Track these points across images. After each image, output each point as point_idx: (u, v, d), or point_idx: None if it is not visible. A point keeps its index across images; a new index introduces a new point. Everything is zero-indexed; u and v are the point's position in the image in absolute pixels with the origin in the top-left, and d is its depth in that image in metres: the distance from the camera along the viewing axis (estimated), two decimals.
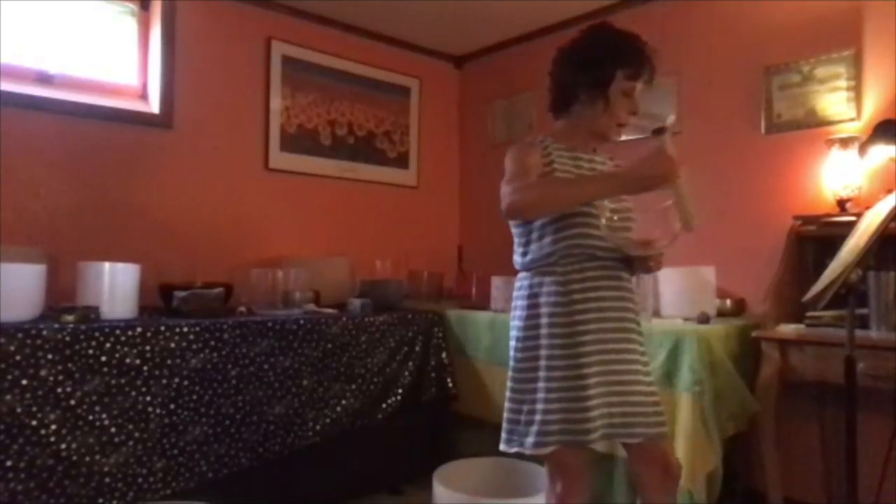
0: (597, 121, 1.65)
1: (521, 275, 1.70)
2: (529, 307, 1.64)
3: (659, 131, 1.66)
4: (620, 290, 1.62)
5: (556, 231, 1.59)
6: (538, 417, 1.56)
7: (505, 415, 1.65)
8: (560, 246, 1.59)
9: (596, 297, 1.58)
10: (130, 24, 2.99)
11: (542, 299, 1.61)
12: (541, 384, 1.57)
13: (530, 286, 1.65)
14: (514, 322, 1.68)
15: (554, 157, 1.64)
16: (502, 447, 1.64)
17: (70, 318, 2.04)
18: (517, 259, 1.70)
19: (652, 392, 1.61)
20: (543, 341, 1.59)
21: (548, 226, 1.60)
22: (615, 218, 1.56)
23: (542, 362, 1.58)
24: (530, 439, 1.56)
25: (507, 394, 1.65)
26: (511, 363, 1.67)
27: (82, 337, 1.96)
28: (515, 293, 1.70)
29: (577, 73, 1.64)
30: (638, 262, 1.63)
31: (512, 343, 1.67)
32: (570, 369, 1.54)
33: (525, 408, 1.60)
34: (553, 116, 1.76)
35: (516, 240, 1.70)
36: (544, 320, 1.59)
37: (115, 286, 2.24)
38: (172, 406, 2.13)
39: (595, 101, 1.62)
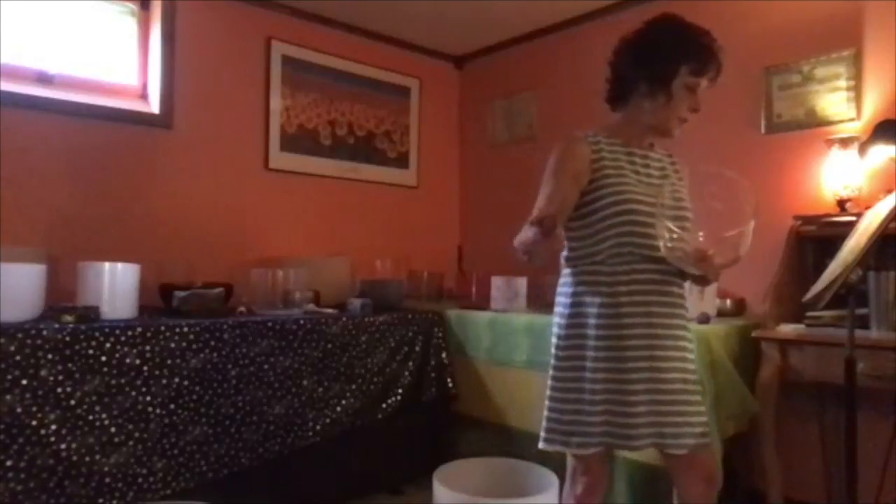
0: (656, 115, 1.59)
1: (566, 271, 1.65)
2: (573, 305, 1.60)
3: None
4: (671, 294, 1.57)
5: (604, 229, 1.54)
6: (583, 418, 1.53)
7: (545, 413, 1.62)
8: (607, 245, 1.54)
9: (644, 302, 1.53)
10: (130, 24, 2.99)
11: (587, 299, 1.57)
12: (586, 385, 1.54)
13: (574, 283, 1.61)
14: (556, 319, 1.64)
15: (605, 153, 1.59)
16: (542, 446, 1.62)
17: (70, 318, 2.04)
18: (564, 253, 1.65)
19: (698, 401, 1.57)
20: (589, 342, 1.55)
21: (598, 223, 1.55)
22: (674, 236, 1.46)
23: (588, 363, 1.55)
24: (575, 439, 1.54)
25: (548, 392, 1.62)
26: (552, 361, 1.63)
27: (82, 337, 1.96)
28: (559, 288, 1.66)
29: (640, 65, 1.58)
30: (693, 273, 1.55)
31: (553, 340, 1.64)
32: (617, 373, 1.52)
33: (568, 407, 1.57)
34: (610, 108, 1.70)
35: (565, 234, 1.64)
36: (591, 321, 1.55)
37: (115, 286, 2.24)
38: (172, 406, 2.13)
39: (656, 94, 1.57)
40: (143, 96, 3.01)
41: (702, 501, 1.58)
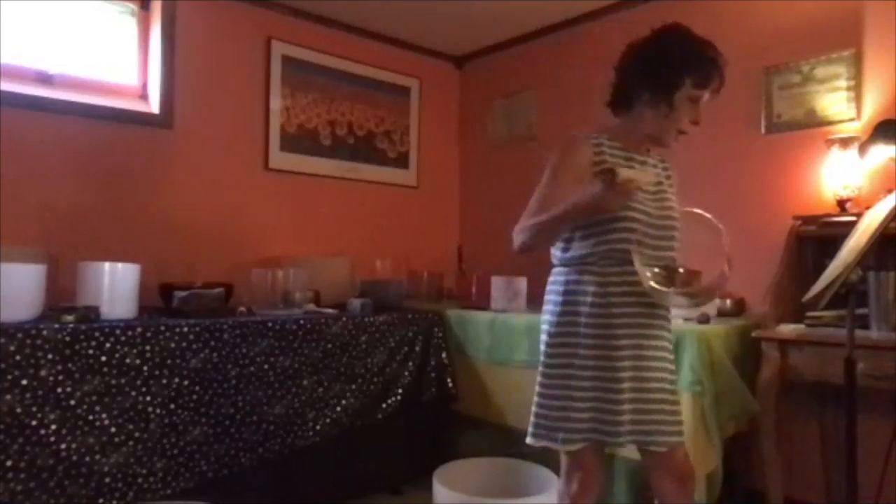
0: (657, 124, 1.61)
1: (557, 270, 1.68)
2: (564, 303, 1.62)
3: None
4: None
5: (600, 234, 1.58)
6: (571, 414, 1.56)
7: (533, 409, 1.65)
8: (601, 249, 1.58)
9: (633, 302, 1.57)
10: (130, 24, 2.99)
11: (580, 297, 1.60)
12: (574, 382, 1.57)
13: (566, 282, 1.63)
14: (546, 316, 1.67)
15: (607, 155, 1.61)
16: (529, 440, 1.64)
17: (70, 318, 2.04)
18: (556, 254, 1.68)
19: (675, 400, 1.61)
20: (580, 340, 1.58)
21: (593, 227, 1.58)
22: (656, 270, 1.54)
23: (577, 360, 1.58)
24: (560, 434, 1.57)
25: (537, 388, 1.64)
26: (542, 357, 1.65)
27: (82, 337, 1.96)
28: (549, 287, 1.69)
29: (646, 74, 1.59)
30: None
31: (543, 337, 1.66)
32: (606, 370, 1.55)
33: (555, 403, 1.60)
34: (612, 113, 1.71)
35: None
36: (582, 319, 1.58)
37: (115, 286, 2.24)
38: (172, 406, 2.13)
39: (659, 104, 1.58)
40: (143, 96, 3.01)
41: (676, 498, 1.61)
